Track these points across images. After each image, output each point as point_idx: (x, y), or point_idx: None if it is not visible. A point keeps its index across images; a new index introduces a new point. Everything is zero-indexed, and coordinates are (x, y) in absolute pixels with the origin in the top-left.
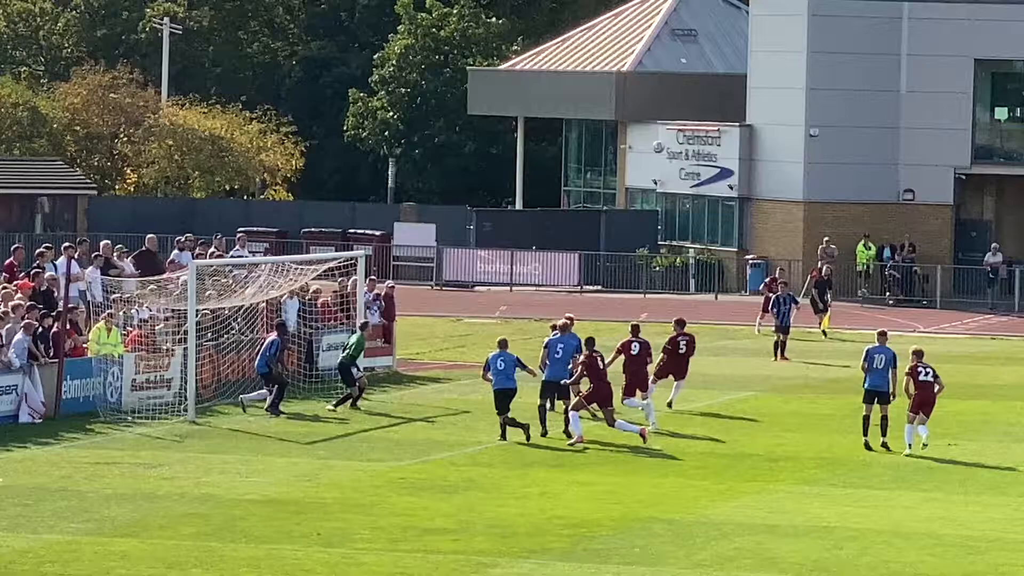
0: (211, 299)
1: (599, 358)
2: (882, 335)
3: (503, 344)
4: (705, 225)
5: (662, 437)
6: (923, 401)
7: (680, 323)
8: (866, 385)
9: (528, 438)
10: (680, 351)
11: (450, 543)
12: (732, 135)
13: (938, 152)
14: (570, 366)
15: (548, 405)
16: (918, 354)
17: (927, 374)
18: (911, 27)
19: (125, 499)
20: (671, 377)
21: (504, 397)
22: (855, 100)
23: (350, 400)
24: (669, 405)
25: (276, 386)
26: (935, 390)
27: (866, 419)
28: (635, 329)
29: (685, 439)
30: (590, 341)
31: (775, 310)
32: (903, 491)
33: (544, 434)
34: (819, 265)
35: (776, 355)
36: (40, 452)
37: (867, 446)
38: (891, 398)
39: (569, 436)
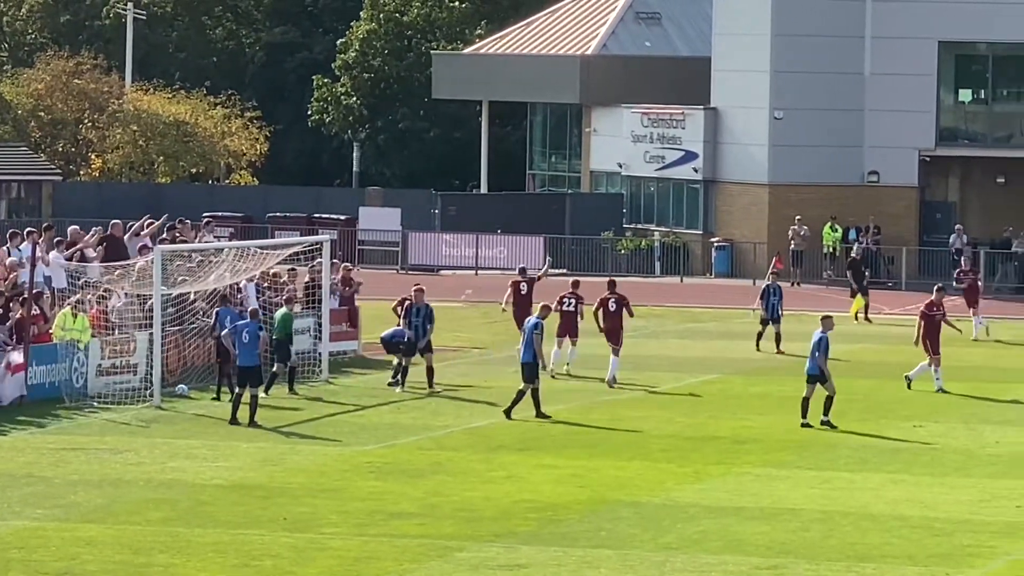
0: (177, 284)
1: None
2: (825, 319)
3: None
4: (670, 208)
5: (626, 420)
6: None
7: (612, 284)
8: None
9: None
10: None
11: (416, 527)
12: (696, 118)
13: (902, 134)
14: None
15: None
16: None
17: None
18: (875, 9)
19: (91, 485)
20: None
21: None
22: (819, 83)
23: (286, 383)
24: (610, 381)
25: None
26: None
27: (804, 400)
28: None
29: (651, 422)
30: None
31: (764, 301)
32: (869, 473)
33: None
34: (853, 249)
35: (758, 345)
36: (5, 438)
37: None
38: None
39: (545, 416)
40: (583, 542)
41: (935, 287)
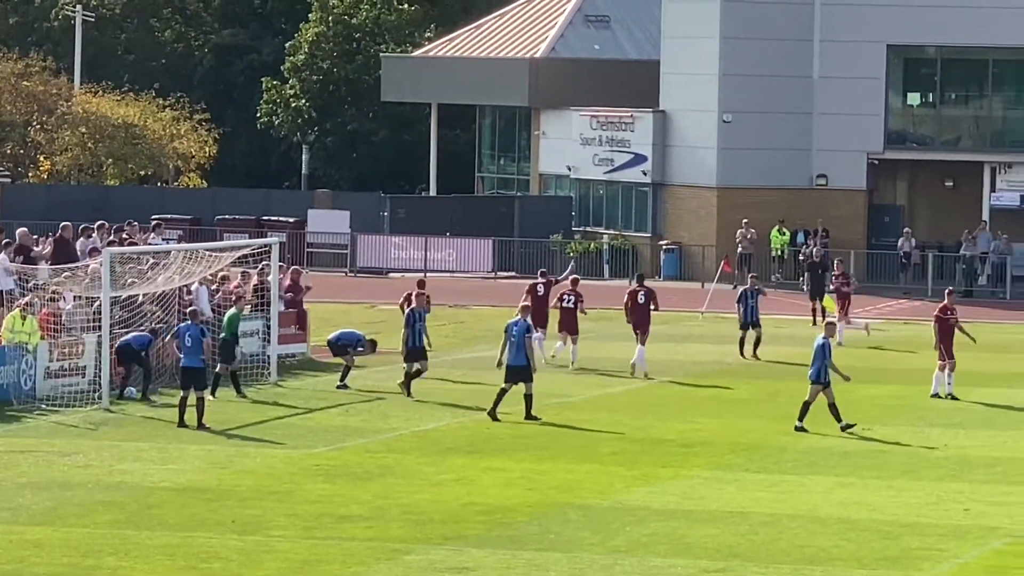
0: (126, 287)
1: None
2: (828, 325)
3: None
4: (619, 211)
5: (576, 423)
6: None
7: (640, 277)
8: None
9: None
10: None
11: (365, 530)
12: (645, 121)
13: (851, 137)
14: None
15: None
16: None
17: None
18: (824, 12)
19: (39, 487)
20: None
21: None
22: (768, 86)
23: (233, 385)
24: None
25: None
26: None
27: (805, 404)
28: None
29: (599, 425)
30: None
31: (741, 305)
32: (818, 476)
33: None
34: (809, 250)
35: (742, 351)
36: None
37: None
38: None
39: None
40: (532, 545)
41: (946, 290)
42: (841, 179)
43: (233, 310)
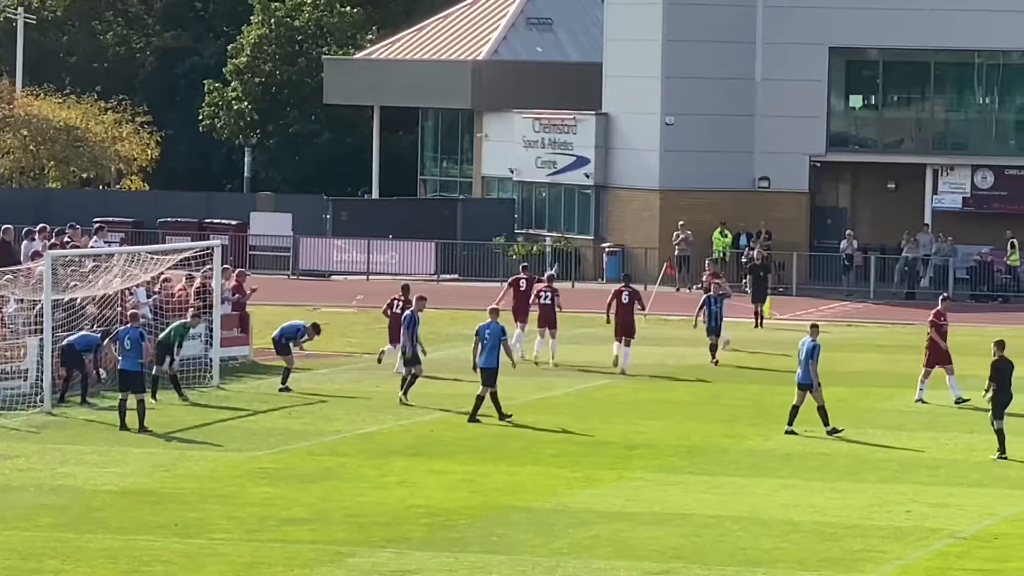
0: (68, 290)
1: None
2: (813, 328)
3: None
4: (562, 213)
5: (518, 425)
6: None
7: (627, 277)
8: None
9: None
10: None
11: (308, 533)
12: (588, 123)
13: (793, 140)
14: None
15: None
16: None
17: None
18: (766, 15)
19: None
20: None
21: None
22: (711, 88)
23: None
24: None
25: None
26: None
27: (793, 408)
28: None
29: (542, 427)
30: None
31: (704, 309)
32: (761, 478)
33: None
34: (750, 252)
35: (713, 355)
36: None
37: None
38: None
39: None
40: (475, 547)
41: (940, 296)
42: (783, 181)
43: (184, 322)
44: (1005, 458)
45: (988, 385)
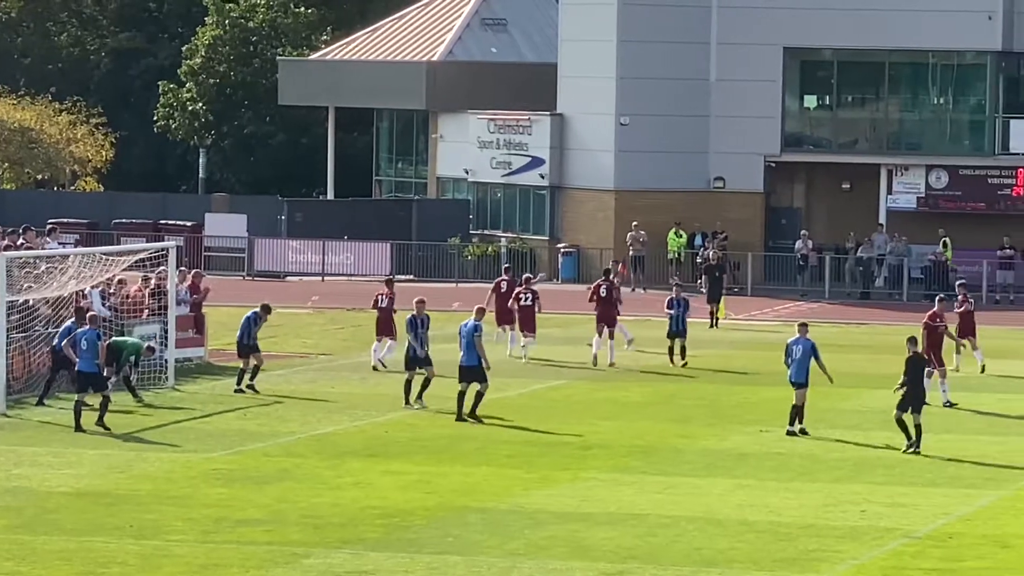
0: (23, 291)
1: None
2: (802, 327)
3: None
4: (517, 214)
5: (473, 426)
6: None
7: (607, 272)
8: (789, 377)
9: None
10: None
11: (263, 534)
12: (543, 124)
13: (748, 140)
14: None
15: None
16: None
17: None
18: (720, 15)
19: None
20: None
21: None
22: (665, 88)
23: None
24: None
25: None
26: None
27: (793, 408)
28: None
29: (497, 428)
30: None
31: (671, 311)
32: (715, 478)
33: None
34: (705, 252)
35: (672, 359)
36: None
37: (791, 433)
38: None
39: (477, 419)
40: (430, 548)
41: (936, 298)
42: (738, 182)
43: (140, 344)
44: (918, 452)
45: (901, 380)
